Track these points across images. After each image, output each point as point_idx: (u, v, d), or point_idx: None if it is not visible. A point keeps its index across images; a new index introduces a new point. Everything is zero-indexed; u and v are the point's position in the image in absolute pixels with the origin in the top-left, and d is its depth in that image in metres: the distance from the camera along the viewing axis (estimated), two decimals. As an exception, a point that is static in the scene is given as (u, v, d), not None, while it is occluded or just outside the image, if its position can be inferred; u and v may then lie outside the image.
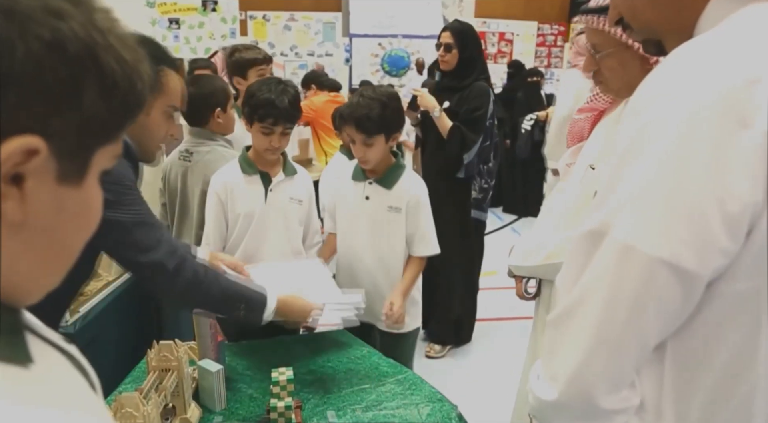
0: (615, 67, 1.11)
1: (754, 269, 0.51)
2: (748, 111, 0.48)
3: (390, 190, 1.69)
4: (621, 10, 0.70)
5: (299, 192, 1.74)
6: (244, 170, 1.68)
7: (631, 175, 0.53)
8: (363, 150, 1.64)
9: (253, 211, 1.67)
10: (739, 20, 0.54)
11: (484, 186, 2.76)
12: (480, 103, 2.54)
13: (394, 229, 1.70)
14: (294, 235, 1.75)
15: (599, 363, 0.56)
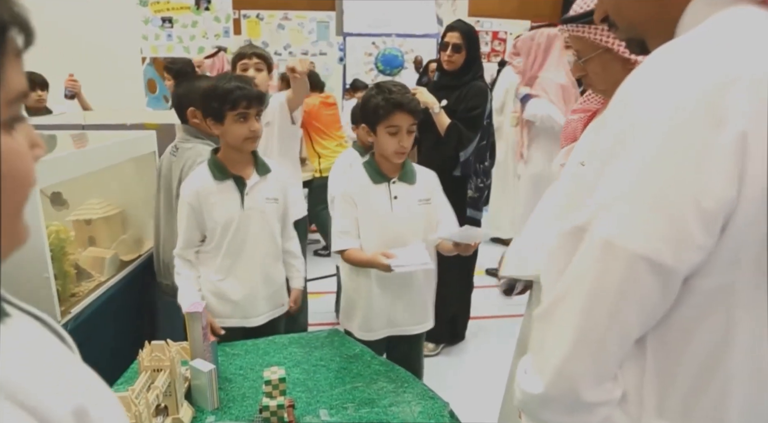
0: (599, 71, 1.15)
1: (727, 264, 0.53)
2: (724, 113, 0.49)
3: (414, 184, 1.70)
4: (607, 8, 0.71)
5: (274, 191, 1.72)
6: (215, 176, 1.64)
7: (613, 175, 0.55)
8: (407, 138, 1.63)
9: (231, 218, 1.64)
10: (718, 23, 0.55)
11: (480, 185, 2.78)
12: (478, 102, 2.56)
13: (429, 220, 1.71)
14: (275, 235, 1.73)
15: (583, 357, 0.58)
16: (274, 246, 1.73)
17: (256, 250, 1.68)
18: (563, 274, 0.59)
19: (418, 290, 1.73)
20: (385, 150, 1.65)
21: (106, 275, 1.86)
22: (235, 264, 1.67)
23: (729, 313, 0.54)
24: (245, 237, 1.66)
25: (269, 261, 1.73)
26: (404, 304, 1.72)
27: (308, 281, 3.58)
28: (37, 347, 0.40)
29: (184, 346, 1.38)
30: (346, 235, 1.67)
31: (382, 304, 1.71)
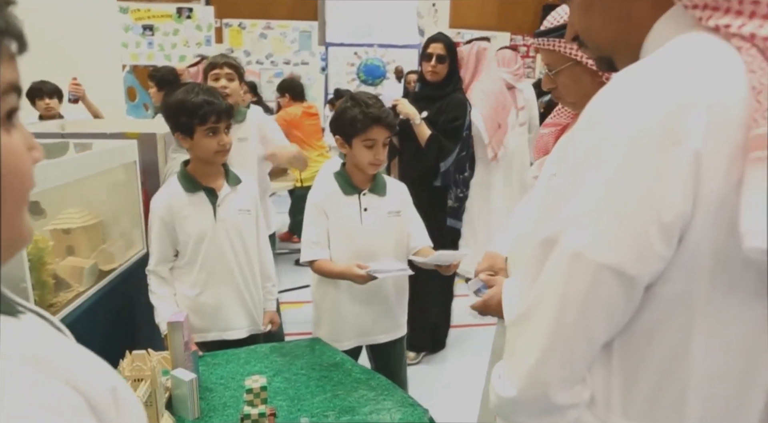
0: (569, 83, 1.20)
1: (685, 273, 0.56)
2: (680, 133, 0.53)
3: (384, 196, 1.72)
4: (577, 28, 0.75)
5: (246, 202, 1.72)
6: (186, 189, 1.63)
7: (581, 190, 0.58)
8: (382, 151, 1.66)
9: (204, 231, 1.63)
10: (677, 48, 0.59)
11: (460, 195, 2.82)
12: (459, 113, 2.61)
13: (399, 232, 1.73)
14: (250, 246, 1.73)
15: (553, 362, 0.61)
16: (250, 256, 1.73)
17: (231, 262, 1.68)
18: (535, 283, 0.62)
19: (387, 299, 1.74)
20: (360, 162, 1.67)
21: (85, 285, 1.85)
22: (210, 277, 1.67)
23: (687, 318, 0.58)
24: (220, 249, 1.65)
25: (246, 272, 1.72)
26: (374, 314, 1.74)
27: (288, 291, 3.59)
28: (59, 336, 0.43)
29: (165, 356, 1.38)
30: (316, 245, 1.68)
31: (351, 314, 1.72)
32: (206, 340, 1.65)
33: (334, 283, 1.70)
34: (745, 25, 0.55)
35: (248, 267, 1.73)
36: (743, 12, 0.55)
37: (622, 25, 0.68)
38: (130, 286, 2.02)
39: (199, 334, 1.65)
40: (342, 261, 1.66)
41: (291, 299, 3.51)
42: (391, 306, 1.77)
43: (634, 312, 0.59)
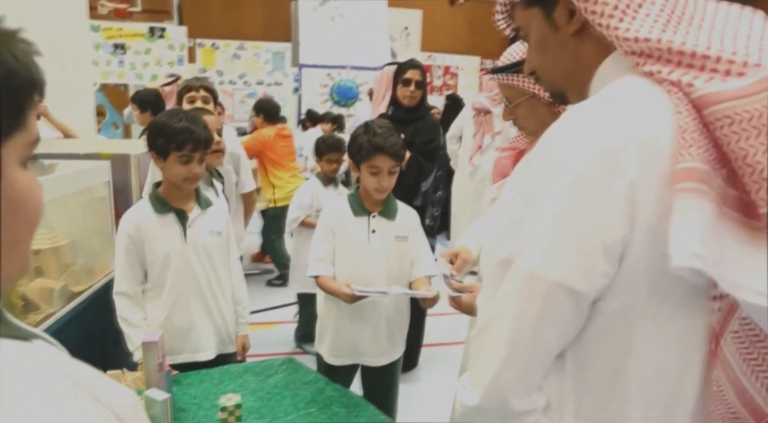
0: (527, 114, 1.29)
1: (625, 289, 0.63)
2: (618, 167, 0.60)
3: (394, 220, 1.77)
4: (533, 65, 0.83)
5: (216, 224, 1.73)
6: (156, 209, 1.64)
7: (535, 215, 0.65)
8: (388, 178, 1.71)
9: (173, 252, 1.64)
10: (617, 89, 0.67)
11: (435, 214, 2.92)
12: (434, 135, 2.73)
13: (402, 257, 1.77)
14: (220, 268, 1.73)
15: (511, 372, 0.67)
16: (221, 278, 1.74)
17: (202, 283, 1.68)
18: (494, 299, 0.68)
19: (386, 321, 1.79)
20: (366, 187, 1.74)
21: (55, 307, 1.83)
22: (180, 298, 1.66)
23: (628, 329, 0.64)
24: (190, 270, 1.66)
25: (217, 293, 1.73)
26: (371, 334, 1.78)
27: (261, 311, 3.58)
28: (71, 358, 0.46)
29: (140, 376, 1.38)
30: (321, 261, 1.75)
31: (350, 331, 1.77)
32: (177, 362, 1.64)
33: (337, 300, 1.74)
34: (673, 73, 0.62)
35: (219, 288, 1.74)
36: (671, 61, 0.63)
37: (572, 65, 0.76)
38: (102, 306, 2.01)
39: (170, 357, 1.64)
40: (346, 278, 1.70)
41: (263, 320, 3.51)
42: (391, 328, 1.81)
43: (583, 325, 0.65)
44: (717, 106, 0.58)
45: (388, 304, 1.75)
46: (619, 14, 0.66)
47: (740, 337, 0.61)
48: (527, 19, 0.80)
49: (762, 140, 0.56)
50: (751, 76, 0.58)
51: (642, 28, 0.65)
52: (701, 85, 0.60)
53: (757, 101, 0.57)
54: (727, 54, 0.60)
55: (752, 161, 0.57)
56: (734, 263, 0.57)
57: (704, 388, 0.65)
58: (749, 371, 0.61)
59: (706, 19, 0.66)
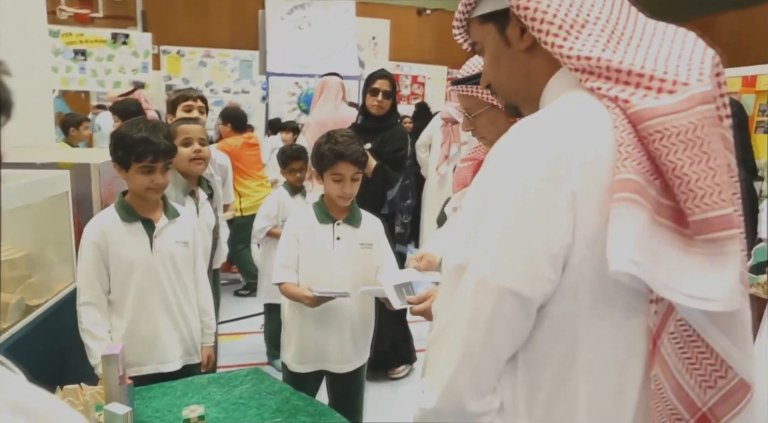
0: (487, 125, 1.33)
1: (569, 294, 0.66)
2: (560, 178, 0.64)
3: (358, 228, 1.80)
4: (489, 79, 0.87)
5: (184, 234, 1.73)
6: (123, 218, 1.63)
7: (485, 223, 0.68)
8: (351, 185, 1.75)
9: (139, 261, 1.63)
10: (561, 104, 0.72)
11: (405, 221, 2.95)
12: (402, 144, 2.77)
13: (367, 264, 1.80)
14: (186, 279, 1.73)
15: (465, 375, 0.69)
16: (187, 288, 1.73)
17: (168, 293, 1.67)
18: (449, 305, 0.71)
19: (351, 327, 1.81)
20: (329, 194, 1.78)
21: (10, 321, 1.78)
22: (145, 308, 1.65)
23: (574, 333, 0.68)
24: (155, 280, 1.64)
25: (183, 303, 1.72)
26: (337, 340, 1.79)
27: (228, 322, 3.54)
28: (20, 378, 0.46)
29: (99, 391, 1.36)
30: (285, 269, 1.77)
31: (315, 337, 1.78)
32: (141, 374, 1.62)
33: (301, 306, 1.76)
34: (611, 89, 0.67)
35: (185, 298, 1.73)
36: (610, 78, 0.67)
37: (524, 79, 0.80)
38: (61, 320, 1.96)
39: (135, 368, 1.62)
40: (312, 285, 1.72)
41: (231, 330, 3.46)
42: (356, 334, 1.83)
43: (532, 329, 0.68)
44: (650, 122, 0.62)
45: (353, 309, 1.77)
46: (563, 33, 0.70)
47: (676, 337, 0.65)
48: (482, 35, 0.84)
49: (689, 154, 0.61)
50: (680, 93, 0.63)
51: (584, 46, 0.69)
52: (636, 102, 0.64)
53: (685, 117, 0.61)
54: (659, 73, 0.65)
55: (680, 173, 0.61)
56: (667, 268, 0.61)
57: (645, 386, 0.68)
58: (684, 369, 0.65)
59: (644, 39, 0.71)
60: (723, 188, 0.62)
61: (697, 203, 0.61)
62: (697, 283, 0.61)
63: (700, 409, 0.66)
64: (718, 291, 0.61)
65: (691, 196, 0.61)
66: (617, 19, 0.72)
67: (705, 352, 0.65)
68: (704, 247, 0.62)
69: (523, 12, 0.72)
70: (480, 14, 0.82)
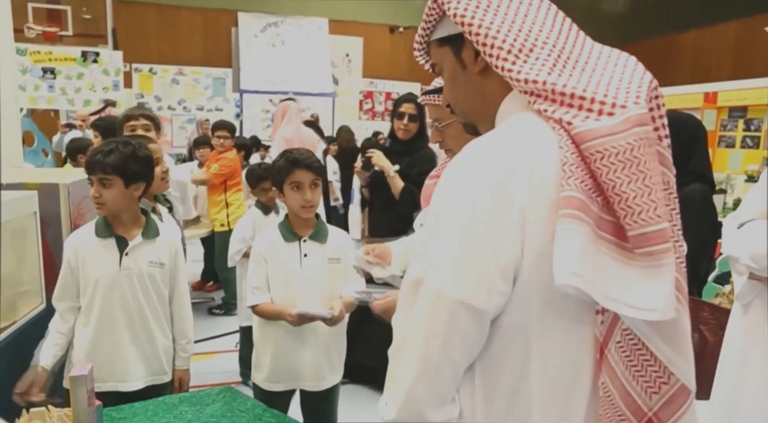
0: (455, 135, 1.36)
1: (520, 306, 0.70)
2: (509, 195, 0.68)
3: (325, 243, 1.80)
4: (447, 99, 0.91)
5: (160, 255, 1.70)
6: (98, 233, 1.64)
7: (439, 238, 0.71)
8: (312, 192, 1.74)
9: (105, 277, 1.62)
10: (510, 125, 0.76)
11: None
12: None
13: (336, 279, 1.80)
14: (158, 300, 1.70)
15: (423, 386, 0.71)
16: (158, 309, 1.71)
17: (131, 312, 1.65)
18: (407, 317, 0.73)
19: (325, 344, 1.80)
20: (292, 206, 1.76)
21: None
22: (107, 325, 1.63)
23: (525, 343, 0.71)
24: (121, 298, 1.63)
25: (150, 324, 1.69)
26: (312, 357, 1.79)
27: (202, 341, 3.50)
28: None
29: (67, 413, 1.34)
30: (258, 290, 1.77)
31: (290, 355, 1.78)
32: (100, 391, 1.56)
33: (275, 325, 1.75)
34: (556, 111, 0.71)
35: (155, 319, 1.70)
36: (555, 100, 0.72)
37: (479, 100, 0.84)
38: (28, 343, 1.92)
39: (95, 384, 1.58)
40: (281, 305, 1.73)
41: (204, 349, 3.42)
42: (330, 351, 1.82)
43: (486, 339, 0.71)
44: (591, 142, 0.67)
45: (326, 327, 1.76)
46: (512, 58, 0.74)
47: (623, 345, 0.69)
48: (440, 57, 0.87)
49: (627, 173, 0.65)
50: (619, 115, 0.67)
51: (531, 70, 0.73)
52: (578, 124, 0.68)
53: (623, 138, 0.66)
54: (599, 96, 0.69)
55: (619, 191, 0.65)
56: (608, 280, 0.65)
57: (594, 394, 0.72)
58: (631, 376, 0.69)
59: (589, 62, 0.76)
60: (658, 205, 0.66)
61: (635, 219, 0.65)
62: (637, 294, 0.65)
63: (646, 414, 0.70)
64: (656, 301, 0.65)
65: (630, 212, 0.65)
66: (564, 44, 0.77)
67: (649, 360, 0.69)
68: (642, 260, 0.66)
69: (474, 38, 0.76)
70: (437, 38, 0.86)
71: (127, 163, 1.61)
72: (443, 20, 0.84)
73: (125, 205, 1.64)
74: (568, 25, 0.80)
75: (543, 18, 0.78)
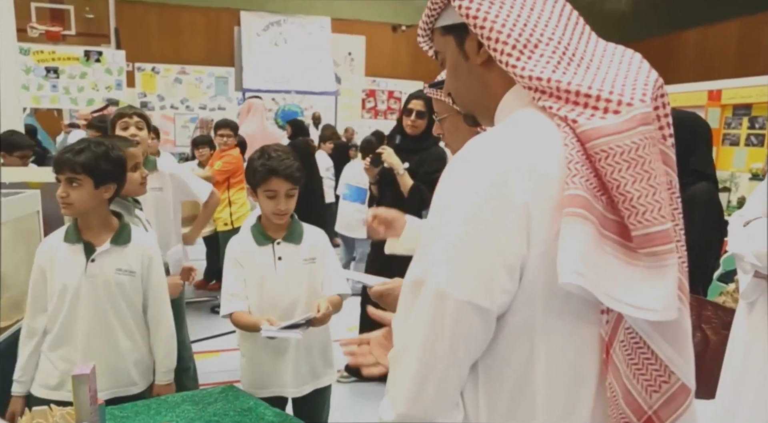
0: (452, 130, 1.35)
1: (524, 304, 0.69)
2: (512, 190, 0.67)
3: (300, 244, 1.73)
4: (449, 88, 0.90)
5: (131, 262, 1.61)
6: (67, 238, 1.58)
7: (441, 237, 0.70)
8: (286, 202, 1.67)
9: (70, 283, 1.55)
10: (514, 121, 0.74)
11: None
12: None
13: (313, 280, 1.74)
14: (127, 310, 1.62)
15: (431, 390, 0.70)
16: (127, 320, 1.63)
17: (97, 322, 1.58)
18: (408, 319, 0.72)
19: (306, 352, 1.75)
20: (264, 211, 1.70)
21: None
22: (69, 334, 1.57)
23: (531, 342, 0.70)
24: (87, 305, 1.57)
25: (116, 334, 1.61)
26: (294, 366, 1.73)
27: (204, 340, 3.50)
28: None
29: (70, 412, 1.34)
30: (234, 297, 1.69)
31: (271, 364, 1.72)
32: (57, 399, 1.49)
33: (252, 334, 1.68)
34: (561, 109, 0.70)
35: (123, 330, 1.63)
36: (560, 98, 0.70)
37: (480, 92, 0.83)
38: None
39: (56, 392, 1.55)
40: (257, 310, 1.67)
41: (207, 348, 3.42)
42: (312, 358, 1.77)
43: (491, 339, 0.70)
44: (596, 141, 0.66)
45: (307, 334, 1.62)
46: (516, 53, 0.73)
47: (625, 345, 0.68)
48: (443, 46, 0.86)
49: (632, 172, 0.64)
50: (624, 114, 0.66)
51: (536, 67, 0.72)
52: (583, 122, 0.67)
53: (628, 137, 0.65)
54: (605, 93, 0.68)
55: (624, 190, 0.65)
56: (611, 279, 0.64)
57: (599, 393, 0.71)
58: (632, 375, 0.68)
59: (594, 59, 0.75)
60: (663, 205, 0.65)
61: (639, 219, 0.65)
62: (639, 294, 0.64)
63: (646, 413, 0.69)
64: (659, 302, 0.64)
65: (634, 211, 0.65)
66: (569, 40, 0.75)
67: (650, 358, 0.68)
68: (646, 260, 0.65)
69: (479, 31, 0.75)
70: (441, 25, 0.85)
71: (98, 163, 1.54)
72: (448, 8, 0.82)
73: (93, 206, 1.57)
74: (575, 19, 0.78)
75: (549, 12, 0.76)
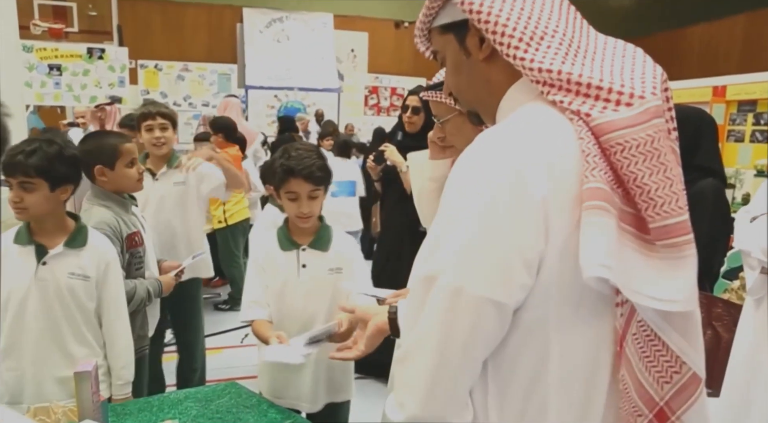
0: (455, 132, 1.34)
1: (540, 299, 0.67)
2: (528, 184, 0.65)
3: (327, 251, 1.63)
4: (450, 87, 0.89)
5: (86, 266, 1.52)
6: (17, 240, 1.48)
7: (454, 234, 0.68)
8: (309, 204, 1.58)
9: (18, 287, 1.47)
10: (524, 115, 0.73)
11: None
12: None
13: (338, 292, 1.63)
14: (80, 316, 1.53)
15: (444, 389, 0.68)
16: (79, 328, 1.55)
17: (46, 329, 1.51)
18: (418, 318, 0.70)
19: (328, 365, 1.63)
20: (288, 214, 1.63)
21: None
22: (15, 342, 1.50)
23: (545, 337, 0.68)
24: (35, 311, 1.49)
25: (66, 341, 1.53)
26: (307, 380, 1.65)
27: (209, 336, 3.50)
28: None
29: (72, 408, 1.33)
30: (254, 304, 1.62)
31: (288, 377, 1.65)
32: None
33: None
34: (573, 102, 0.68)
35: (75, 338, 1.54)
36: (571, 90, 0.69)
37: (484, 88, 0.81)
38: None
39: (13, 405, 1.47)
40: (276, 317, 1.61)
41: (210, 345, 3.42)
42: (332, 373, 1.68)
43: (504, 335, 0.69)
44: (611, 134, 0.65)
45: (326, 347, 1.47)
46: (524, 46, 0.71)
47: (637, 337, 0.67)
48: (443, 45, 0.84)
49: (648, 165, 0.64)
50: (637, 106, 0.65)
51: (545, 58, 0.70)
52: (597, 115, 0.66)
53: (642, 130, 0.64)
54: (616, 85, 0.67)
55: (641, 183, 0.64)
56: (631, 272, 0.63)
57: (612, 388, 0.70)
58: (644, 367, 0.67)
59: (597, 52, 0.73)
60: (679, 196, 0.65)
61: (657, 211, 0.64)
62: (659, 286, 0.63)
63: (657, 404, 0.68)
64: (679, 292, 0.64)
65: (651, 204, 0.64)
66: (573, 33, 0.74)
67: (662, 350, 0.67)
68: (664, 252, 0.64)
69: (484, 26, 0.74)
70: (440, 24, 0.83)
71: (53, 165, 1.44)
72: (446, 6, 0.81)
73: (50, 209, 1.48)
74: (573, 14, 0.78)
75: (550, 6, 0.76)
